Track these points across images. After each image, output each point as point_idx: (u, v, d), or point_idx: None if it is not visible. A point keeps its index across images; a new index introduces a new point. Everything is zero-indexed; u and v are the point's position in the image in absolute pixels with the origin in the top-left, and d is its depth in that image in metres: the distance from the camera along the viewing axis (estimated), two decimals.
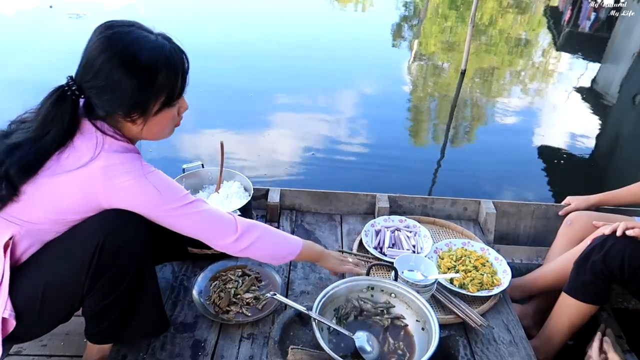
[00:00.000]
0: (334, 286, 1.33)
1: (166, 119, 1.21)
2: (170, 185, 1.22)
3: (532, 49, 7.40)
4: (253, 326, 1.57)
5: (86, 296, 1.24)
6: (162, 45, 1.14)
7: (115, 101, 1.11)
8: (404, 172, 3.57)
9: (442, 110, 4.87)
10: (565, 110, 5.00)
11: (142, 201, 1.17)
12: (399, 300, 1.35)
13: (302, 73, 5.45)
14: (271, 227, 1.41)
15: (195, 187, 2.01)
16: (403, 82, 5.66)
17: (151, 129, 1.20)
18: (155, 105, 1.15)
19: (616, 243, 1.58)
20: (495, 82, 5.69)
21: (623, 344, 1.80)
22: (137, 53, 1.09)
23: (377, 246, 1.90)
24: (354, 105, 4.73)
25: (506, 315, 1.68)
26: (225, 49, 6.04)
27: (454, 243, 1.90)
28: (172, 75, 1.15)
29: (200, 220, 1.25)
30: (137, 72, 1.10)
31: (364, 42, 6.95)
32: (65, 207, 1.16)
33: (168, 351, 1.47)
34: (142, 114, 1.15)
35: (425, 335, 1.24)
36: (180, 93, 1.21)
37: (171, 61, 1.14)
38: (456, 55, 6.32)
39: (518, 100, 5.15)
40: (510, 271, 1.73)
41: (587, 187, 2.11)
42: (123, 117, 1.15)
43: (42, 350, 1.65)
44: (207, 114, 4.20)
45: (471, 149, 4.14)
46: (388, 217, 2.02)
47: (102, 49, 1.09)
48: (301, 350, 1.25)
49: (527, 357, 1.52)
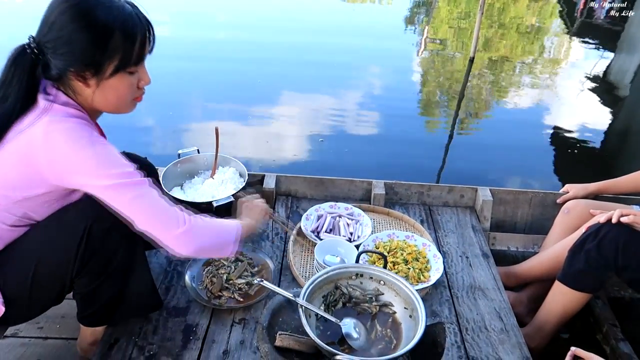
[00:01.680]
0: (322, 273, 1.33)
1: (122, 86, 1.15)
2: (114, 159, 1.13)
3: (544, 37, 7.26)
4: (245, 311, 1.58)
5: (76, 278, 1.25)
6: (122, 7, 1.11)
7: (67, 55, 1.08)
8: (410, 158, 3.55)
9: (450, 97, 4.81)
10: (577, 100, 4.89)
11: (78, 168, 1.09)
12: (387, 287, 1.35)
13: (313, 60, 5.42)
14: (210, 219, 1.27)
15: (190, 173, 2.01)
16: (412, 70, 5.59)
17: (106, 95, 1.15)
18: (109, 67, 1.11)
19: (610, 231, 1.56)
20: (504, 71, 5.59)
21: (617, 333, 1.80)
22: (94, 8, 1.07)
23: (315, 230, 1.90)
24: (361, 93, 4.71)
25: (498, 303, 1.68)
26: (235, 36, 6.02)
27: (397, 235, 1.87)
28: (128, 38, 1.11)
29: (140, 204, 1.13)
30: (91, 27, 1.07)
31: (372, 30, 6.87)
32: (8, 181, 1.12)
33: (160, 335, 1.48)
34: (95, 75, 1.11)
35: (413, 322, 1.24)
36: (138, 60, 1.15)
37: (129, 24, 1.11)
38: (465, 42, 6.24)
39: (528, 90, 5.06)
40: (442, 269, 1.70)
41: (595, 178, 2.05)
42: (75, 76, 1.11)
43: (38, 333, 1.68)
44: (216, 100, 4.21)
45: (477, 137, 4.09)
46: (334, 204, 2.01)
47: (60, 2, 1.08)
48: (289, 336, 1.25)
49: (518, 345, 1.52)
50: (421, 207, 2.14)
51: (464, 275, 1.78)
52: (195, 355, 1.43)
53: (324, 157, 3.48)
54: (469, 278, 1.77)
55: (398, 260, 1.72)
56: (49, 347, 1.63)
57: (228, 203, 1.75)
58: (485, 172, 3.43)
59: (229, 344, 1.47)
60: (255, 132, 3.76)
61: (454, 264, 1.83)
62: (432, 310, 1.63)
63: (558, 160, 3.68)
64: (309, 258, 1.81)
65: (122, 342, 1.45)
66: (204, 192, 1.88)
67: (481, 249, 1.91)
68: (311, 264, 1.78)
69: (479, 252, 1.89)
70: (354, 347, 1.22)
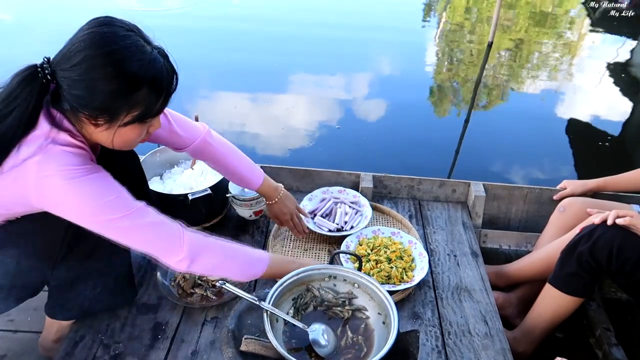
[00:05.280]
0: (292, 274, 1.26)
1: (133, 134, 1.10)
2: (106, 200, 1.06)
3: (564, 24, 6.99)
4: (217, 310, 1.52)
5: (59, 263, 1.23)
6: (154, 60, 1.03)
7: (84, 99, 1.00)
8: (419, 147, 3.43)
9: (466, 83, 4.63)
10: (596, 91, 4.65)
11: (72, 206, 1.04)
12: (361, 291, 1.27)
13: (330, 38, 5.31)
14: (229, 244, 1.25)
15: (170, 162, 1.94)
16: (428, 54, 5.42)
17: (114, 137, 1.09)
18: (127, 117, 1.04)
19: (605, 233, 1.48)
20: (522, 58, 5.36)
21: (610, 337, 1.72)
22: (126, 60, 0.99)
23: (312, 211, 1.87)
24: (373, 79, 4.59)
25: (485, 306, 1.60)
26: (246, 23, 5.90)
27: (382, 231, 1.79)
28: (154, 93, 1.04)
29: (134, 234, 1.10)
30: (118, 79, 0.99)
31: (390, 16, 6.71)
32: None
33: (127, 333, 1.43)
34: (109, 121, 1.04)
35: (386, 330, 1.17)
36: (158, 113, 1.10)
37: (158, 79, 1.04)
38: (484, 28, 6.06)
39: (544, 78, 4.83)
40: (427, 269, 1.62)
41: (611, 172, 1.94)
42: (87, 118, 1.04)
43: (8, 326, 1.64)
44: (204, 85, 4.11)
45: (491, 127, 3.92)
46: (343, 189, 1.96)
47: (90, 44, 0.98)
48: (255, 341, 1.19)
49: (502, 352, 1.45)
50: (411, 201, 2.06)
51: (451, 275, 1.70)
52: (162, 356, 1.37)
53: (327, 147, 3.36)
54: (455, 278, 1.69)
55: (381, 258, 1.64)
56: (17, 340, 1.59)
57: (205, 196, 1.68)
58: (489, 166, 3.31)
59: (198, 344, 1.41)
60: (247, 121, 3.66)
61: (440, 262, 1.75)
62: (414, 312, 1.55)
63: (574, 153, 3.51)
64: (289, 254, 1.74)
65: (88, 339, 1.40)
66: (182, 183, 1.81)
67: (471, 248, 1.82)
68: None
69: (468, 250, 1.81)
70: (321, 354, 1.15)
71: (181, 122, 1.45)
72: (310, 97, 4.12)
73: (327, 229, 1.78)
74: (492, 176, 3.10)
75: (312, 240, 1.81)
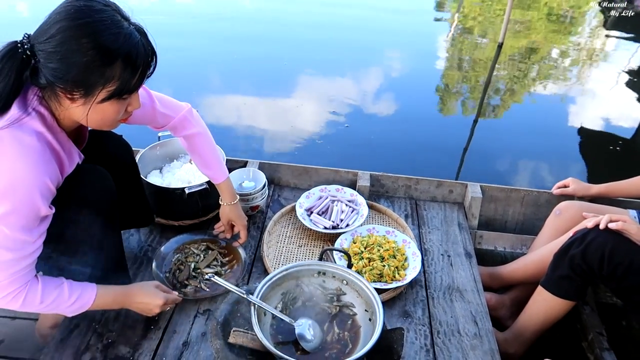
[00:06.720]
0: (282, 269, 1.28)
1: (110, 111, 1.09)
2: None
3: (578, 26, 6.90)
4: (210, 302, 1.54)
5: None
6: (130, 35, 1.03)
7: (59, 71, 1.01)
8: (423, 147, 3.42)
9: (476, 84, 4.61)
10: (609, 95, 4.58)
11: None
12: (350, 288, 1.29)
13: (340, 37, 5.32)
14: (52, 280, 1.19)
15: (170, 156, 1.97)
16: (440, 54, 5.41)
17: (90, 114, 1.08)
18: (102, 92, 1.05)
19: (597, 237, 1.48)
20: (533, 59, 5.28)
21: (603, 342, 1.72)
22: (101, 32, 0.99)
23: (309, 208, 1.89)
24: (382, 77, 4.61)
25: (475, 306, 1.60)
26: (254, 19, 5.93)
27: (377, 230, 1.80)
28: (130, 68, 1.04)
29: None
30: (93, 50, 0.99)
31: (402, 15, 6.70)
32: None
33: (121, 322, 1.46)
34: (85, 95, 1.05)
35: (372, 326, 1.19)
36: (134, 90, 1.10)
37: (134, 54, 1.03)
38: (495, 27, 6.02)
39: (557, 80, 4.77)
40: (419, 268, 1.63)
41: (623, 177, 1.93)
42: (63, 92, 1.05)
43: (7, 312, 1.67)
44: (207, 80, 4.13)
45: (500, 129, 3.89)
46: (341, 188, 1.98)
47: (66, 16, 0.99)
48: (243, 333, 1.21)
49: (490, 352, 1.46)
50: (407, 201, 2.07)
51: (443, 275, 1.71)
52: (154, 346, 1.40)
53: (333, 145, 3.36)
54: (447, 278, 1.70)
55: (374, 256, 1.66)
56: (15, 326, 1.63)
57: (202, 190, 1.70)
58: (501, 167, 3.28)
59: (190, 335, 1.44)
60: (248, 116, 3.68)
61: (434, 262, 1.76)
62: (405, 310, 1.57)
63: (584, 156, 3.46)
64: (283, 250, 1.76)
65: (82, 327, 1.43)
66: (180, 177, 1.83)
67: (465, 248, 1.83)
68: (285, 256, 1.73)
69: (462, 251, 1.82)
70: (306, 349, 1.17)
71: (164, 100, 1.47)
72: (318, 96, 4.11)
73: (322, 227, 1.80)
74: (498, 178, 3.06)
75: (308, 237, 1.83)
